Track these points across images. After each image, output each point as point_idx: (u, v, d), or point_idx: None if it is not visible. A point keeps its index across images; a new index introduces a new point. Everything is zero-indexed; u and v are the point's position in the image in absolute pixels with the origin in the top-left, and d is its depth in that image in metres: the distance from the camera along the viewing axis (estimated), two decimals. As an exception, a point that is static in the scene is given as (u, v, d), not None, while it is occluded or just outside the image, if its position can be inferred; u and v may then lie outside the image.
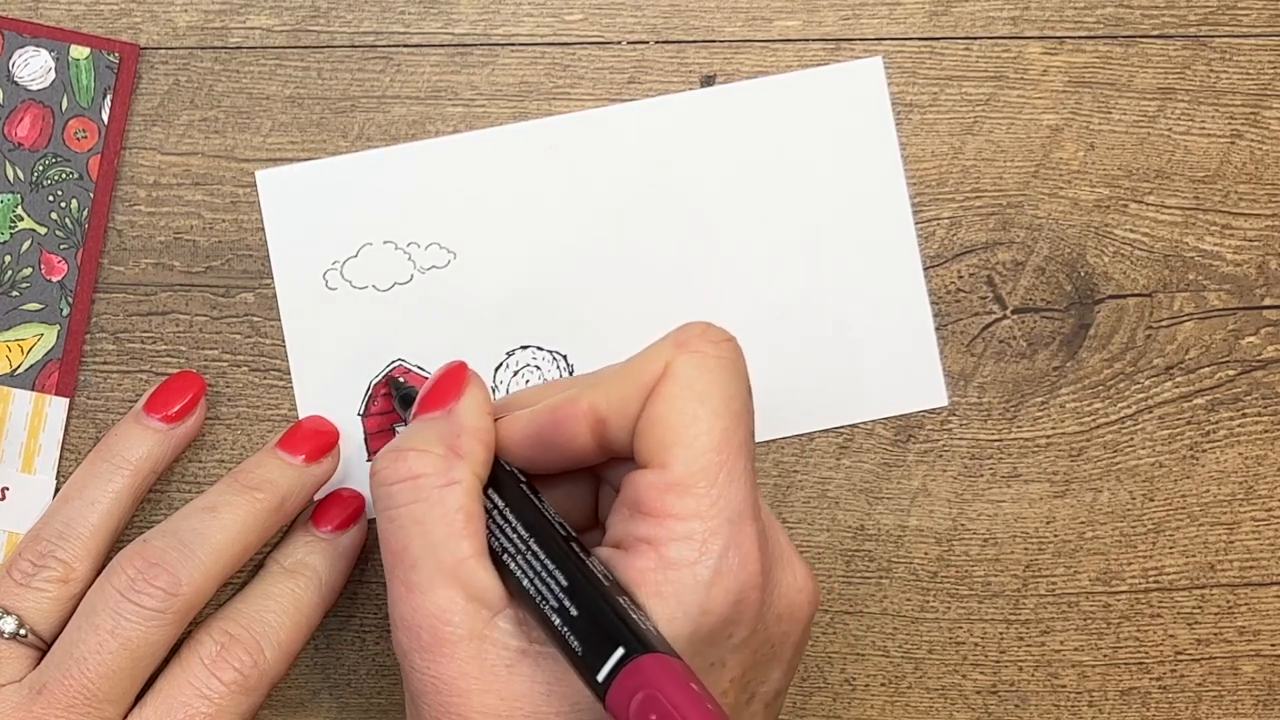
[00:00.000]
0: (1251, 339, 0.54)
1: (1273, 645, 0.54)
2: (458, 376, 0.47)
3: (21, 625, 0.48)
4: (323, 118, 0.53)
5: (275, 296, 0.53)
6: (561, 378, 0.53)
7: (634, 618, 0.41)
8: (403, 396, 0.51)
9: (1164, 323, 0.54)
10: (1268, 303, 0.54)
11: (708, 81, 0.54)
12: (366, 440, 0.53)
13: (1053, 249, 0.54)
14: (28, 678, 0.48)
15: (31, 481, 0.52)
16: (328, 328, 0.53)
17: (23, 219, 0.52)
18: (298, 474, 0.50)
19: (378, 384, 0.53)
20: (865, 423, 0.54)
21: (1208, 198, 0.54)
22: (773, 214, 0.53)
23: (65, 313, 0.52)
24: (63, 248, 0.52)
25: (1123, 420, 0.54)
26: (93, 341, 0.52)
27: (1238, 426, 0.54)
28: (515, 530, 0.44)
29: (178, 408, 0.51)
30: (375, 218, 0.53)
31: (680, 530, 0.42)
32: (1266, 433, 0.54)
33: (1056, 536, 0.54)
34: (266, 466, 0.50)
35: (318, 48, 0.53)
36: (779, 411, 0.53)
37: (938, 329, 0.54)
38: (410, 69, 0.53)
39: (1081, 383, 0.54)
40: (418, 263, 0.53)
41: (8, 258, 0.52)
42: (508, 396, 0.49)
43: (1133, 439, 0.54)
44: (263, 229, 0.53)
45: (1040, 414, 0.54)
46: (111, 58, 0.52)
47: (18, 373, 0.52)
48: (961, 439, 0.54)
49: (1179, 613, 0.54)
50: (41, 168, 0.52)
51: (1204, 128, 0.54)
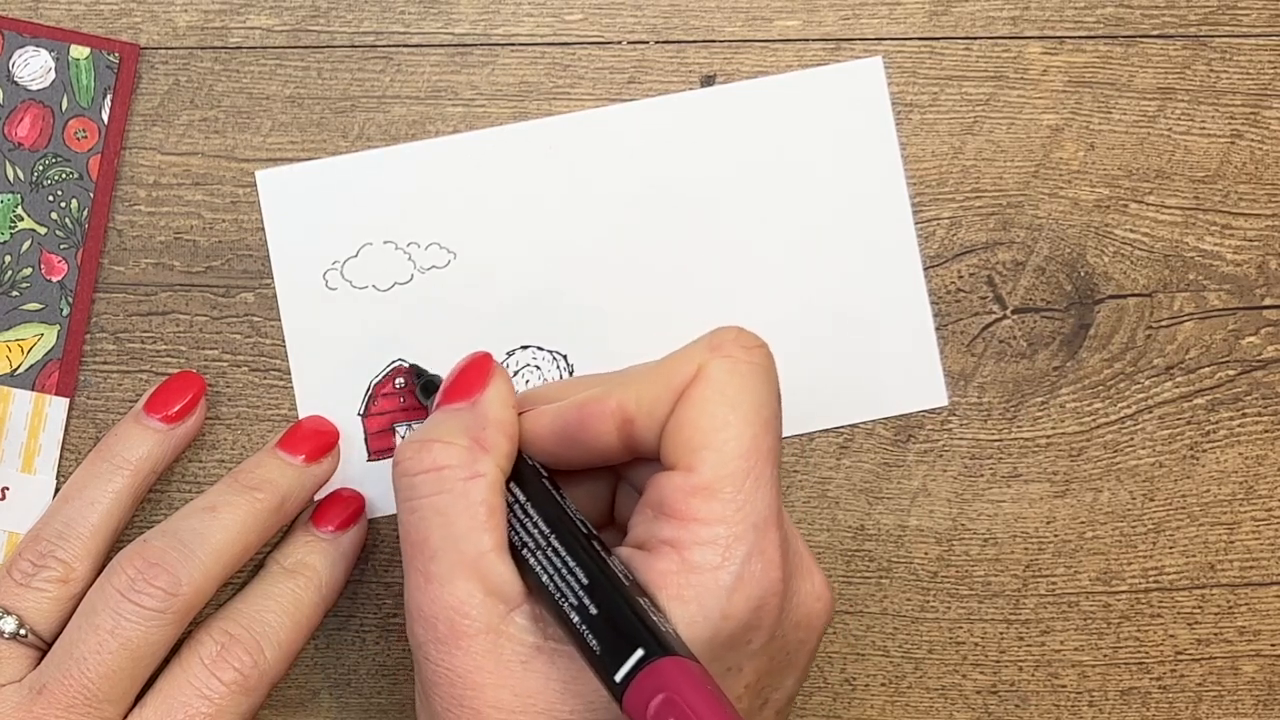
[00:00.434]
0: (1251, 339, 0.54)
1: (1273, 645, 0.54)
2: (483, 368, 0.47)
3: (21, 625, 0.48)
4: (323, 118, 0.53)
5: (275, 296, 0.53)
6: (562, 378, 0.53)
7: (654, 619, 0.41)
8: (425, 385, 0.51)
9: (1164, 323, 0.54)
10: (1268, 303, 0.54)
11: (708, 81, 0.54)
12: (366, 440, 0.53)
13: (1053, 249, 0.54)
14: (28, 678, 0.48)
15: (31, 481, 0.52)
16: (328, 328, 0.53)
17: (23, 219, 0.52)
18: (298, 474, 0.50)
19: (378, 384, 0.53)
20: (865, 423, 0.54)
21: (1208, 198, 0.54)
22: (773, 214, 0.53)
23: (65, 313, 0.52)
24: (63, 248, 0.52)
25: (1123, 420, 0.54)
26: (93, 341, 0.52)
27: (1238, 426, 0.54)
28: (536, 526, 0.44)
29: (178, 408, 0.51)
30: (375, 218, 0.53)
31: (705, 534, 0.42)
32: (1266, 433, 0.54)
33: (1056, 536, 0.54)
34: (266, 466, 0.50)
35: (318, 48, 0.53)
36: (779, 411, 0.53)
37: (938, 329, 0.54)
38: (410, 69, 0.53)
39: (1081, 383, 0.54)
40: (418, 263, 0.53)
41: (8, 258, 0.52)
42: (531, 390, 0.49)
43: (1133, 439, 0.54)
44: (263, 229, 0.53)
45: (1040, 414, 0.54)
46: (111, 58, 0.52)
47: (18, 373, 0.52)
48: (961, 439, 0.54)
49: (1179, 613, 0.54)
50: (41, 168, 0.52)
51: (1204, 128, 0.54)
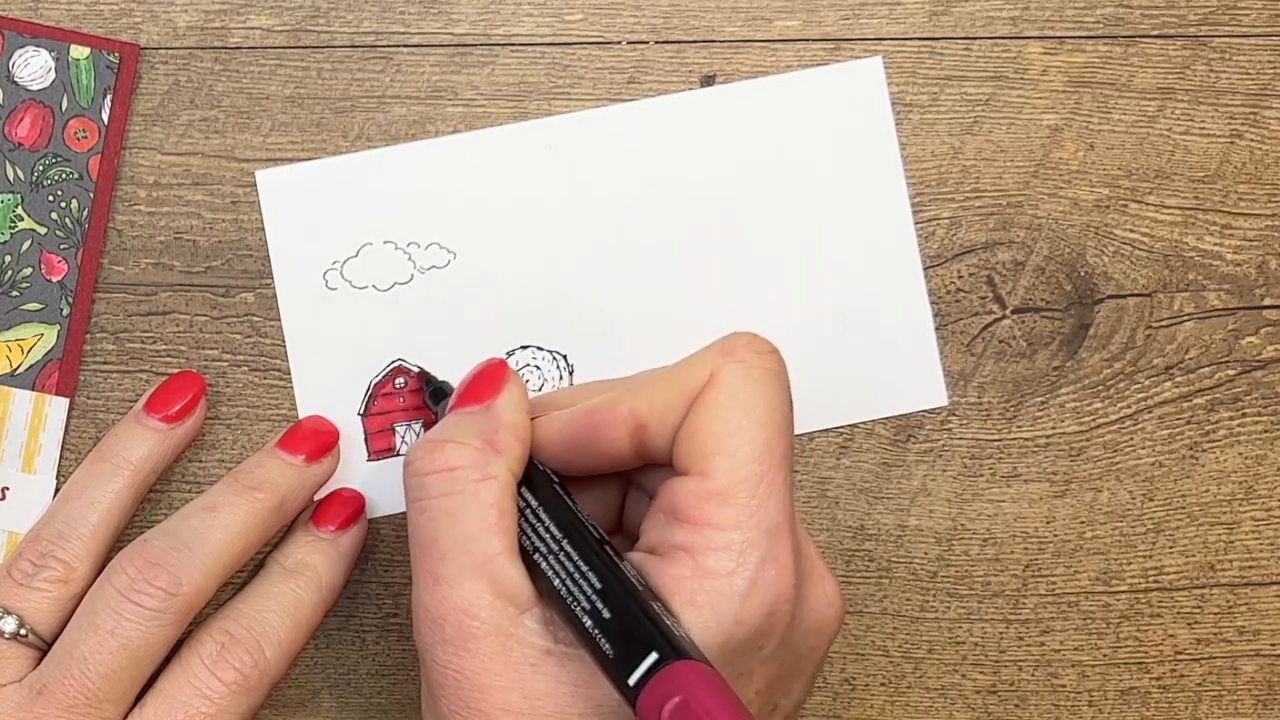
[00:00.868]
0: (1251, 339, 0.54)
1: (1273, 645, 0.54)
2: (497, 373, 0.47)
3: (22, 625, 0.48)
4: (323, 118, 0.53)
5: (275, 296, 0.53)
6: (562, 378, 0.53)
7: (668, 624, 0.41)
8: (434, 391, 0.51)
9: (1164, 323, 0.54)
10: (1268, 303, 0.54)
11: (708, 81, 0.54)
12: (366, 440, 0.53)
13: (1053, 249, 0.54)
14: (28, 678, 0.48)
15: (31, 481, 0.52)
16: (328, 328, 0.53)
17: (23, 219, 0.52)
18: (298, 474, 0.50)
19: (378, 384, 0.53)
20: (865, 423, 0.54)
21: (1208, 198, 0.54)
22: (772, 214, 0.53)
23: (65, 313, 0.52)
24: (63, 248, 0.52)
25: (1123, 420, 0.54)
26: (93, 341, 0.52)
27: (1238, 426, 0.54)
28: (548, 530, 0.44)
29: (178, 408, 0.51)
30: (375, 218, 0.53)
31: (718, 540, 0.42)
32: (1266, 433, 0.54)
33: (1056, 536, 0.54)
34: (266, 466, 0.50)
35: (318, 48, 0.53)
36: (779, 411, 0.53)
37: (938, 329, 0.54)
38: (410, 69, 0.53)
39: (1081, 383, 0.54)
40: (418, 263, 0.53)
41: (8, 258, 0.52)
42: (544, 396, 0.49)
43: (1133, 439, 0.54)
44: (263, 229, 0.53)
45: (1040, 414, 0.54)
46: (111, 58, 0.52)
47: (18, 373, 0.52)
48: (961, 439, 0.54)
49: (1179, 613, 0.54)
50: (41, 168, 0.52)
51: (1204, 128, 0.54)
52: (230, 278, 0.53)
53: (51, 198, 0.52)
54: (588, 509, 0.46)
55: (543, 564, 0.44)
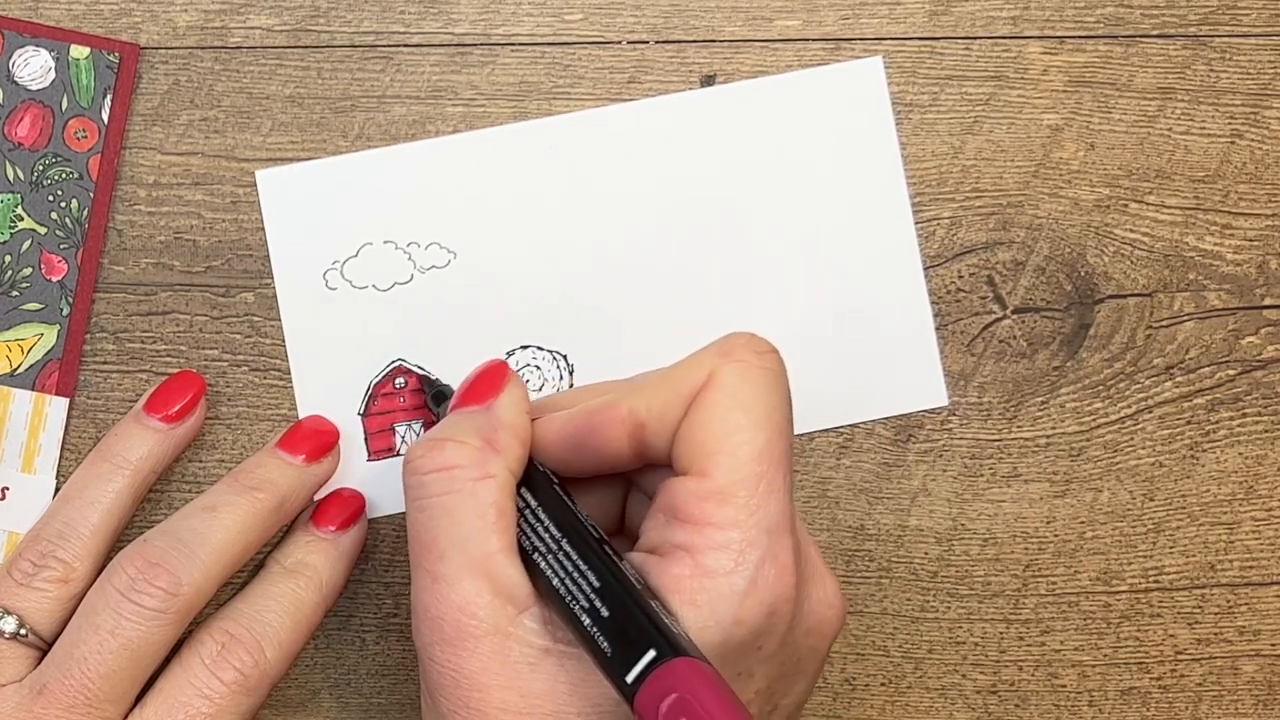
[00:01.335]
0: (1251, 339, 0.54)
1: (1273, 645, 0.54)
2: (498, 373, 0.47)
3: (22, 625, 0.48)
4: (323, 118, 0.53)
5: (275, 296, 0.53)
6: (562, 378, 0.53)
7: (666, 621, 0.41)
8: (436, 394, 0.51)
9: (1164, 323, 0.54)
10: (1268, 303, 0.54)
11: (708, 81, 0.54)
12: (366, 440, 0.53)
13: (1053, 249, 0.54)
14: (28, 678, 0.48)
15: (31, 481, 0.52)
16: (328, 328, 0.53)
17: (23, 219, 0.52)
18: (298, 474, 0.50)
19: (378, 384, 0.53)
20: (865, 423, 0.54)
21: (1208, 198, 0.54)
22: (772, 214, 0.53)
23: (65, 313, 0.52)
24: (63, 248, 0.52)
25: (1123, 420, 0.54)
26: (93, 341, 0.52)
27: (1238, 426, 0.54)
28: (547, 530, 0.44)
29: (178, 407, 0.51)
30: (375, 218, 0.53)
31: (718, 539, 0.42)
32: (1266, 433, 0.54)
33: (1056, 536, 0.54)
34: (266, 466, 0.50)
35: (318, 48, 0.53)
36: (779, 411, 0.53)
37: (938, 329, 0.54)
38: (410, 69, 0.53)
39: (1081, 383, 0.54)
40: (418, 263, 0.53)
41: (8, 258, 0.52)
42: (545, 398, 0.49)
43: (1133, 439, 0.54)
44: (263, 229, 0.53)
45: (1040, 414, 0.54)
46: (111, 57, 0.52)
47: (18, 373, 0.52)
48: (961, 439, 0.54)
49: (1179, 613, 0.54)
50: (41, 167, 0.52)
51: (1204, 128, 0.54)
52: (230, 278, 0.53)
53: (51, 198, 0.52)
54: (588, 511, 0.46)
55: (541, 563, 0.44)
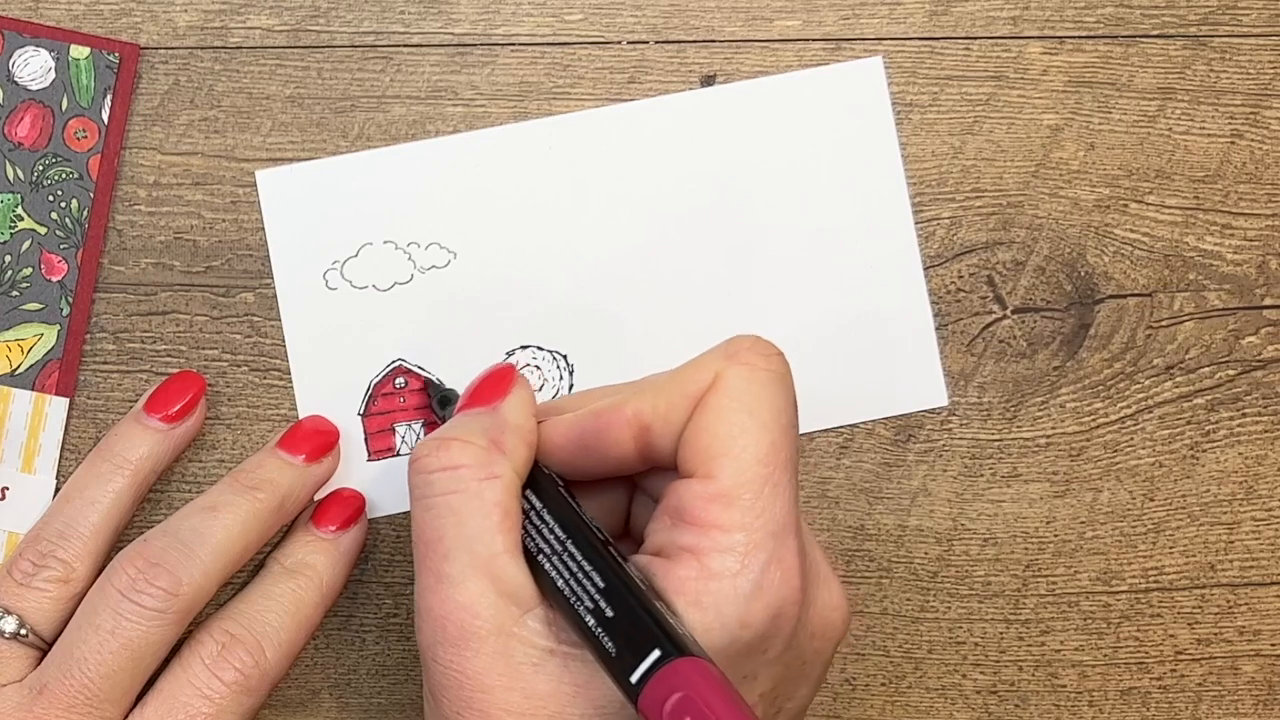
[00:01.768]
0: (1251, 339, 0.54)
1: (1273, 645, 0.54)
2: (505, 376, 0.47)
3: (22, 625, 0.48)
4: (323, 118, 0.53)
5: (275, 296, 0.53)
6: (562, 378, 0.53)
7: (670, 622, 0.41)
8: (441, 398, 0.51)
9: (1164, 323, 0.54)
10: (1268, 303, 0.54)
11: (708, 81, 0.54)
12: (366, 440, 0.53)
13: (1053, 249, 0.54)
14: (28, 678, 0.48)
15: (31, 481, 0.52)
16: (328, 328, 0.53)
17: (23, 219, 0.52)
18: (298, 474, 0.50)
19: (378, 383, 0.53)
20: (865, 423, 0.54)
21: (1208, 198, 0.54)
22: (772, 214, 0.53)
23: (65, 313, 0.52)
24: (63, 248, 0.52)
25: (1123, 420, 0.54)
26: (93, 341, 0.52)
27: (1238, 426, 0.54)
28: (552, 531, 0.44)
29: (178, 407, 0.51)
30: (375, 218, 0.53)
31: (724, 541, 0.42)
32: (1266, 433, 0.54)
33: (1056, 536, 0.54)
34: (267, 466, 0.50)
35: (318, 48, 0.53)
36: (779, 411, 0.53)
37: (938, 329, 0.54)
38: (410, 69, 0.53)
39: (1081, 383, 0.54)
40: (418, 263, 0.53)
41: (8, 258, 0.52)
42: (551, 401, 0.49)
43: (1133, 439, 0.54)
44: (263, 229, 0.53)
45: (1040, 414, 0.54)
46: (111, 58, 0.52)
47: (18, 373, 0.52)
48: (961, 439, 0.54)
49: (1179, 613, 0.54)
50: (41, 168, 0.52)
51: (1204, 128, 0.54)
52: (230, 278, 0.53)
53: (51, 198, 0.52)
54: (593, 514, 0.46)
55: (546, 564, 0.44)
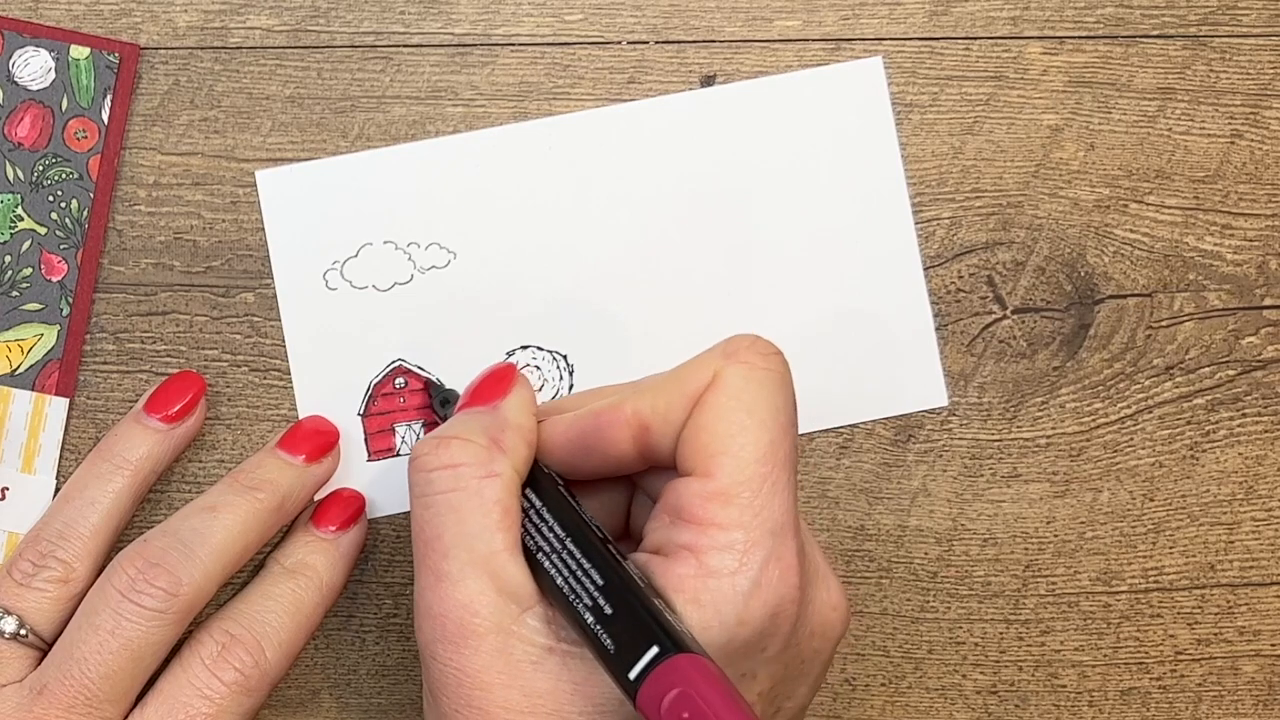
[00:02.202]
0: (1251, 339, 0.54)
1: (1273, 645, 0.54)
2: (506, 375, 0.47)
3: (22, 625, 0.48)
4: (323, 118, 0.53)
5: (275, 296, 0.53)
6: (562, 378, 0.53)
7: (669, 619, 0.41)
8: (443, 399, 0.51)
9: (1164, 323, 0.54)
10: (1268, 303, 0.54)
11: (708, 81, 0.54)
12: (366, 440, 0.53)
13: (1053, 249, 0.54)
14: (28, 678, 0.48)
15: (31, 481, 0.52)
16: (328, 328, 0.53)
17: (23, 219, 0.52)
18: (298, 474, 0.50)
19: (378, 384, 0.53)
20: (865, 423, 0.54)
21: (1208, 198, 0.54)
22: (772, 214, 0.53)
23: (65, 313, 0.52)
24: (63, 248, 0.52)
25: (1123, 420, 0.54)
26: (93, 341, 0.52)
27: (1238, 426, 0.54)
28: (552, 530, 0.44)
29: (178, 408, 0.51)
30: (375, 218, 0.53)
31: (722, 539, 0.42)
32: (1266, 433, 0.54)
33: (1056, 536, 0.54)
34: (267, 466, 0.50)
35: (318, 48, 0.53)
36: (779, 411, 0.53)
37: (938, 329, 0.54)
38: (410, 69, 0.53)
39: (1081, 383, 0.54)
40: (418, 263, 0.53)
41: (8, 258, 0.52)
42: (550, 401, 0.49)
43: (1133, 439, 0.54)
44: (263, 229, 0.53)
45: (1040, 414, 0.54)
46: (111, 58, 0.52)
47: (18, 373, 0.52)
48: (961, 439, 0.54)
49: (1179, 613, 0.54)
50: (41, 168, 0.52)
51: (1204, 128, 0.54)
52: (230, 278, 0.53)
53: (51, 198, 0.52)
54: (592, 514, 0.46)
55: (545, 563, 0.44)
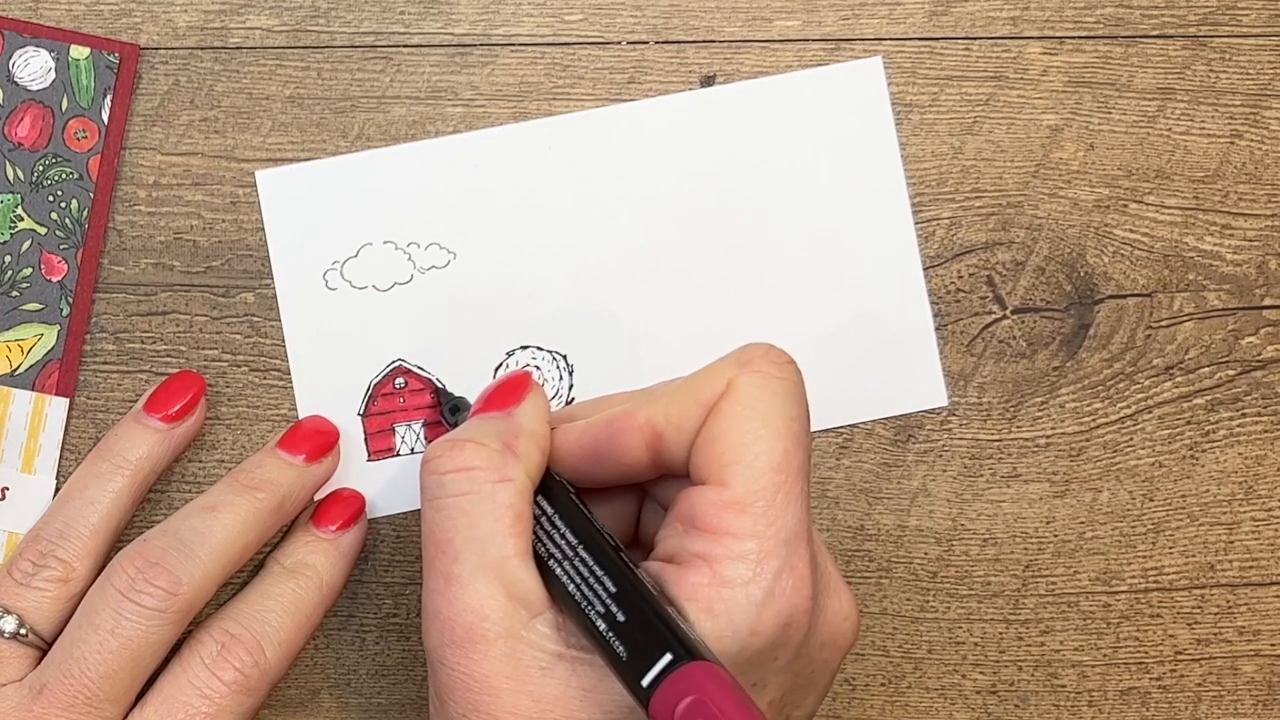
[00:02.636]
0: (1251, 339, 0.54)
1: (1273, 645, 0.54)
2: (521, 382, 0.47)
3: (22, 625, 0.48)
4: (323, 118, 0.53)
5: (275, 296, 0.53)
6: (562, 378, 0.53)
7: (682, 627, 0.41)
8: (452, 406, 0.51)
9: (1164, 323, 0.54)
10: (1268, 303, 0.54)
11: (708, 81, 0.54)
12: (366, 440, 0.53)
13: (1053, 249, 0.54)
14: (28, 677, 0.48)
15: (31, 481, 0.52)
16: (328, 328, 0.53)
17: (23, 219, 0.52)
18: (298, 474, 0.50)
19: (378, 384, 0.53)
20: (865, 423, 0.54)
21: (1208, 198, 0.54)
22: (772, 214, 0.53)
23: (65, 313, 0.52)
24: (63, 248, 0.52)
25: (1123, 420, 0.54)
26: (93, 341, 0.52)
27: (1238, 426, 0.54)
28: (564, 537, 0.44)
29: (178, 407, 0.51)
30: (375, 218, 0.53)
31: (736, 549, 0.42)
32: (1266, 433, 0.54)
33: (1056, 536, 0.54)
34: (267, 466, 0.50)
35: (318, 48, 0.53)
36: (779, 411, 0.53)
37: (938, 329, 0.54)
38: (410, 69, 0.53)
39: (1081, 383, 0.54)
40: (418, 263, 0.53)
41: (8, 258, 0.52)
42: (564, 408, 0.49)
43: (1133, 439, 0.54)
44: (263, 229, 0.53)
45: (1040, 414, 0.54)
46: (111, 58, 0.52)
47: (18, 373, 0.52)
48: (961, 439, 0.54)
49: (1179, 613, 0.54)
50: (41, 168, 0.52)
51: (1204, 128, 0.54)
52: (230, 278, 0.53)
53: (51, 198, 0.52)
54: (605, 521, 0.46)
55: (557, 569, 0.44)
